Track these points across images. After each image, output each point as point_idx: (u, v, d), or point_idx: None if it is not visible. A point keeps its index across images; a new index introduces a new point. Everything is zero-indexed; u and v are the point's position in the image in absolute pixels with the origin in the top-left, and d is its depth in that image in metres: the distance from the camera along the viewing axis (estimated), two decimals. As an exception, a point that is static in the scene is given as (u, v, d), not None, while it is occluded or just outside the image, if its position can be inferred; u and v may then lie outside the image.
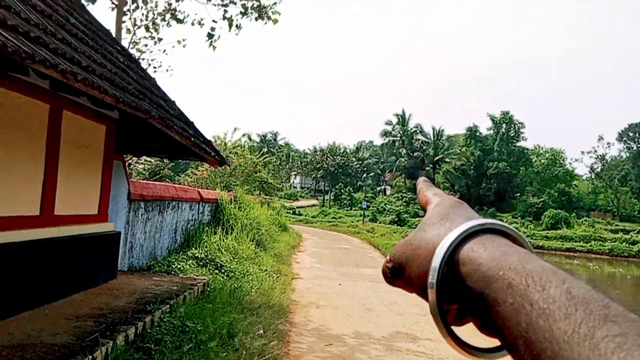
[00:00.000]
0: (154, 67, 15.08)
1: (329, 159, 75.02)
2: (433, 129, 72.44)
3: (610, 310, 0.33)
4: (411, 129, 74.16)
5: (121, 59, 6.71)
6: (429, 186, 0.60)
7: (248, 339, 5.41)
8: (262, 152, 35.26)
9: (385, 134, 76.30)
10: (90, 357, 4.03)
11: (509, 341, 0.37)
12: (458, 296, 0.43)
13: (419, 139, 73.43)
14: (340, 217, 53.14)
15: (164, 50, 15.29)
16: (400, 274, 0.50)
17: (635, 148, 75.53)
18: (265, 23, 12.39)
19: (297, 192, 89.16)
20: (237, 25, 12.54)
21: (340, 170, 74.76)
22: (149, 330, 5.07)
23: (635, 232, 44.46)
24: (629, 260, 36.06)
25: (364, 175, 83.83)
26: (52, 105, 5.67)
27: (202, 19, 14.07)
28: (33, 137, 5.41)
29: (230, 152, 27.06)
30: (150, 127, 6.23)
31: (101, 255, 6.82)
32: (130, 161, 21.01)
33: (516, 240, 0.45)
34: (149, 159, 23.47)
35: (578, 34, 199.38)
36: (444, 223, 0.48)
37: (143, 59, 14.57)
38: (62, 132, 5.93)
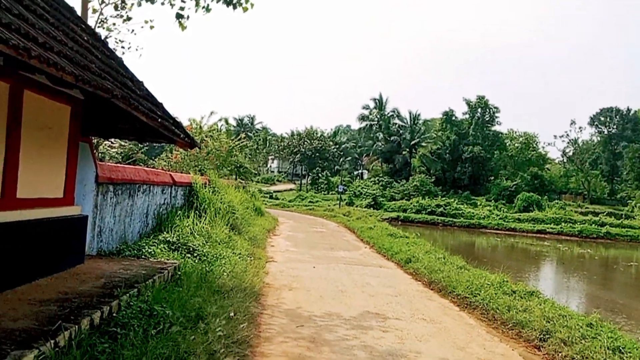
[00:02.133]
0: (122, 47, 14.69)
1: (306, 143, 74.85)
2: (410, 113, 72.87)
3: None
4: (388, 114, 74.38)
5: (85, 38, 6.50)
6: None
7: (217, 321, 5.38)
8: (238, 136, 34.89)
9: (362, 118, 76.38)
10: (52, 341, 3.95)
11: None
12: None
13: (395, 123, 73.73)
14: (317, 201, 53.28)
15: (132, 31, 14.85)
16: None
17: (606, 132, 77.22)
18: (235, 9, 12.10)
19: (275, 176, 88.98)
20: (204, 7, 12.23)
21: (317, 154, 74.69)
22: (115, 315, 5.00)
23: (604, 214, 45.74)
24: (597, 242, 37.10)
25: (342, 159, 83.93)
26: (12, 84, 5.48)
27: (173, 3, 13.66)
28: (-9, 117, 5.22)
29: (206, 136, 26.75)
30: (116, 108, 6.07)
31: (67, 239, 6.68)
32: (102, 145, 20.61)
33: None
34: (122, 142, 23.06)
35: (550, 18, 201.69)
36: None
37: (110, 37, 14.15)
38: (23, 112, 5.73)
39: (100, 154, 21.09)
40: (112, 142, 22.19)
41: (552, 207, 48.24)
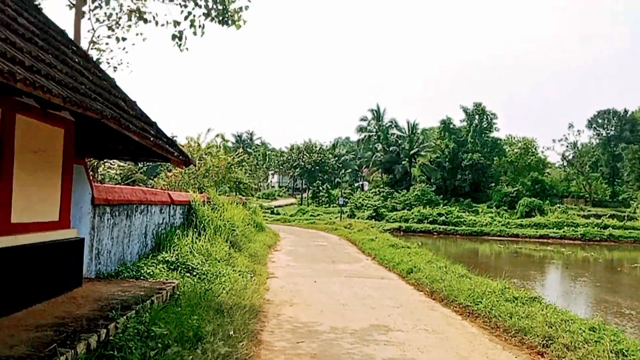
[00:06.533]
0: (114, 67, 14.77)
1: (305, 156, 74.91)
2: (408, 122, 73.07)
3: None
4: (386, 124, 74.59)
5: (76, 60, 6.51)
6: None
7: (216, 340, 5.32)
8: (237, 152, 34.92)
9: (360, 129, 76.60)
10: (47, 367, 3.90)
11: None
12: None
13: (394, 134, 73.91)
14: (318, 215, 53.17)
15: (124, 49, 14.96)
16: None
17: (604, 134, 77.32)
18: (228, 26, 12.17)
19: (275, 191, 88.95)
20: (200, 26, 12.30)
21: (317, 167, 74.73)
22: (112, 338, 4.94)
23: (607, 216, 45.52)
24: (600, 245, 36.90)
25: (341, 171, 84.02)
26: (4, 108, 5.49)
27: (169, 22, 13.74)
28: (-17, 143, 5.21)
29: (204, 153, 26.78)
30: (109, 129, 6.07)
31: (64, 263, 6.63)
32: (102, 167, 20.63)
33: None
34: (121, 163, 23.09)
35: (544, 25, 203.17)
36: None
37: (101, 56, 14.22)
38: (15, 136, 5.73)
39: (100, 176, 21.11)
40: (111, 164, 22.23)
41: (554, 212, 48.10)
